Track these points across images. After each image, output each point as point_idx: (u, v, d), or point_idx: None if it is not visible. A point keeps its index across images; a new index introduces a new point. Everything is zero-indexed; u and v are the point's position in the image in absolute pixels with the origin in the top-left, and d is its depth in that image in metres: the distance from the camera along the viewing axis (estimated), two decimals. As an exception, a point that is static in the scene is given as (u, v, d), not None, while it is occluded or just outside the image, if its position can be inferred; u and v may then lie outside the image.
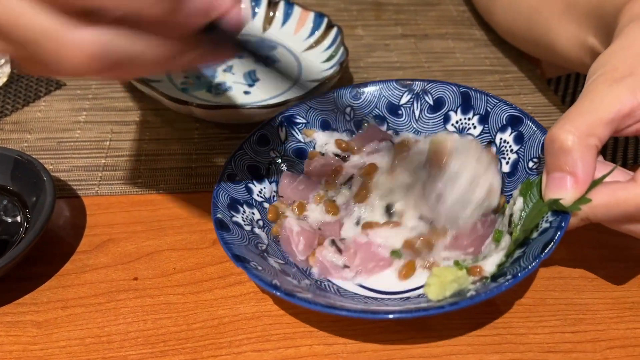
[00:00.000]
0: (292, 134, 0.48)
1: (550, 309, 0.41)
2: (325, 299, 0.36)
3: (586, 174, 0.35)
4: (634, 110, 0.35)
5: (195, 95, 0.57)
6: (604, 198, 0.35)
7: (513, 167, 0.45)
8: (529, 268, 0.35)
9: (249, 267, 0.37)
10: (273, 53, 0.63)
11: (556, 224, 0.36)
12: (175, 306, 0.40)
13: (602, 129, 0.35)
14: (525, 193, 0.40)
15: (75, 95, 0.58)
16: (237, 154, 0.45)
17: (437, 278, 0.36)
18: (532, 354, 0.38)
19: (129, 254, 0.44)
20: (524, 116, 0.45)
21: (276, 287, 0.36)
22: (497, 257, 0.37)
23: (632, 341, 0.39)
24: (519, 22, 0.59)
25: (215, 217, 0.40)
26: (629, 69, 0.36)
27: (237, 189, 0.43)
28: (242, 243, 0.39)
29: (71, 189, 0.49)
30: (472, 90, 0.48)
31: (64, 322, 0.39)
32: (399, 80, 0.50)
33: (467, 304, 0.34)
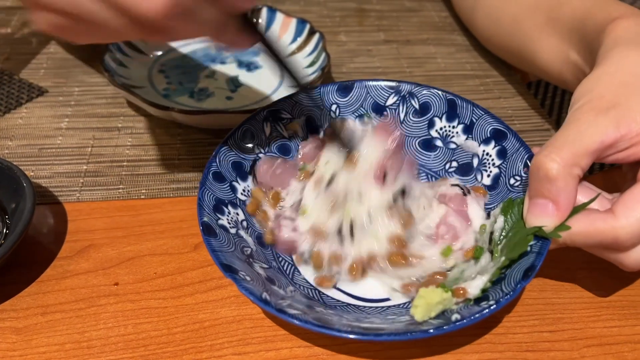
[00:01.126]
0: (277, 129, 0.48)
1: (529, 308, 0.42)
2: (314, 315, 0.36)
3: (568, 202, 0.37)
4: (616, 141, 0.36)
5: (178, 101, 0.57)
6: (582, 227, 0.36)
7: (494, 181, 0.45)
8: (511, 294, 0.35)
9: (239, 279, 0.36)
10: (255, 59, 0.63)
11: (537, 249, 0.37)
12: (156, 311, 0.40)
13: (585, 159, 0.36)
14: (507, 212, 0.40)
15: (57, 102, 0.58)
16: (221, 149, 0.44)
17: (424, 299, 0.37)
18: (510, 353, 0.39)
19: (110, 259, 0.44)
20: (508, 132, 0.45)
21: (266, 302, 0.35)
22: (481, 281, 0.37)
23: (609, 339, 0.40)
24: (500, 31, 0.60)
25: (202, 221, 0.39)
26: (614, 99, 0.37)
27: (221, 188, 0.43)
28: (228, 249, 0.39)
29: (52, 195, 0.49)
30: (459, 99, 0.48)
31: (44, 328, 0.39)
32: (387, 81, 0.50)
33: (452, 329, 0.34)
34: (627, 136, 0.36)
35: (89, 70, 0.63)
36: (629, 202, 0.35)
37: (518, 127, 0.58)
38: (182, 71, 0.61)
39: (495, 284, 0.37)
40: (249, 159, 0.46)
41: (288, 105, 0.48)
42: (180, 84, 0.59)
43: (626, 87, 0.37)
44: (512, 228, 0.39)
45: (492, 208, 0.43)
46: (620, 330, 0.40)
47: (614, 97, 0.37)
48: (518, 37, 0.56)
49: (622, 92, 0.37)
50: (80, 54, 0.65)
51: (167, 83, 0.59)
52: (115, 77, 0.55)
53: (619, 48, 0.40)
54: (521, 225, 0.39)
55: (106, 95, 0.60)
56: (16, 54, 0.64)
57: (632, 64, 0.38)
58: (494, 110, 0.60)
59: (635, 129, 0.36)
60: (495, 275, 0.37)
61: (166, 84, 0.59)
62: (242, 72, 0.61)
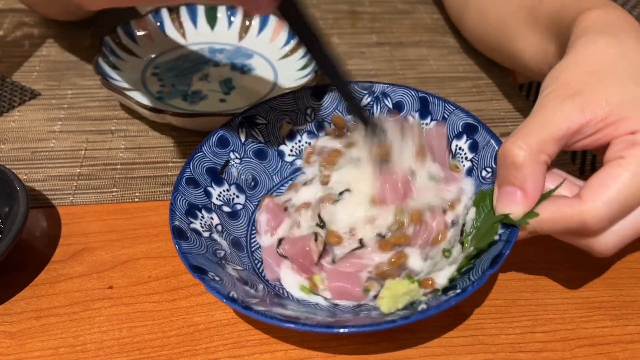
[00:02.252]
0: (252, 134, 0.48)
1: (522, 309, 0.42)
2: (281, 311, 0.36)
3: (535, 189, 0.37)
4: (582, 127, 0.37)
5: (171, 104, 0.57)
6: (550, 213, 0.36)
7: (467, 174, 0.45)
8: (478, 282, 0.35)
9: (206, 279, 0.36)
10: (249, 61, 0.63)
11: (505, 237, 0.37)
12: (151, 314, 0.40)
13: (552, 145, 0.37)
14: (479, 203, 0.41)
15: (50, 105, 0.58)
16: (195, 156, 0.44)
17: (389, 291, 0.37)
18: (503, 354, 0.39)
19: (104, 262, 0.44)
20: (479, 125, 0.46)
21: (233, 299, 0.35)
22: (449, 270, 0.37)
23: (601, 339, 0.40)
24: (488, 32, 0.60)
25: (173, 225, 0.39)
26: (579, 86, 0.37)
27: (195, 193, 0.43)
28: (200, 252, 0.39)
29: (46, 198, 0.49)
30: (430, 96, 0.49)
31: (38, 332, 0.39)
32: (359, 82, 0.50)
33: (418, 318, 0.34)
34: (593, 121, 0.36)
35: (82, 73, 0.63)
36: (595, 186, 0.35)
37: (510, 128, 0.59)
38: (176, 74, 0.61)
39: (464, 274, 0.37)
40: (223, 164, 0.46)
41: (263, 110, 0.48)
42: (174, 87, 0.59)
43: (591, 74, 0.38)
44: (483, 219, 0.40)
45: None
46: (611, 331, 0.41)
47: (580, 84, 0.37)
48: (504, 36, 0.57)
49: (587, 79, 0.38)
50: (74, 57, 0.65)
51: (161, 86, 0.59)
52: (108, 80, 0.55)
53: (586, 37, 0.40)
54: (491, 214, 0.39)
55: (99, 98, 0.59)
56: (8, 57, 0.64)
57: (597, 52, 0.39)
58: (486, 112, 0.61)
59: (600, 114, 0.36)
60: (463, 264, 0.37)
61: (159, 86, 0.59)
62: (236, 75, 0.61)
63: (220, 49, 0.65)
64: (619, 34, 0.40)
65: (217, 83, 0.60)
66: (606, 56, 0.38)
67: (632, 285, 0.44)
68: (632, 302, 0.43)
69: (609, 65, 0.38)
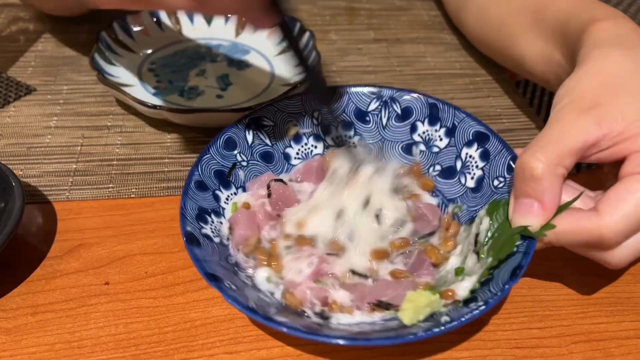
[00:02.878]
0: (259, 136, 0.48)
1: (518, 306, 0.42)
2: (302, 322, 0.36)
3: (553, 201, 0.37)
4: (599, 140, 0.37)
5: (167, 100, 0.57)
6: (567, 226, 0.37)
7: (478, 183, 0.45)
8: (499, 294, 0.35)
9: (224, 288, 0.36)
10: (246, 57, 0.63)
11: (523, 249, 0.37)
12: (147, 310, 0.40)
13: (569, 158, 0.37)
14: (492, 213, 0.41)
15: (46, 101, 0.58)
16: (203, 158, 0.44)
17: (412, 303, 0.37)
18: (499, 350, 0.39)
19: (100, 258, 0.44)
20: (490, 134, 0.45)
21: (253, 310, 0.35)
22: (470, 282, 0.37)
23: (596, 335, 0.40)
24: (487, 31, 0.60)
25: (185, 231, 0.39)
26: (595, 99, 0.38)
27: (204, 197, 0.42)
28: (212, 258, 0.38)
29: (41, 194, 0.48)
30: (440, 102, 0.48)
31: (34, 328, 0.39)
32: (368, 86, 0.50)
33: (442, 332, 0.34)
34: (609, 135, 0.37)
35: (77, 69, 0.62)
36: (613, 201, 0.36)
37: (507, 125, 0.59)
38: (172, 69, 0.61)
39: (483, 284, 0.37)
40: (231, 167, 0.45)
41: (270, 112, 0.48)
42: (170, 83, 0.59)
43: (607, 88, 0.38)
44: (498, 229, 0.40)
45: (477, 210, 0.44)
46: (607, 327, 0.41)
47: (596, 97, 0.38)
48: (504, 38, 0.57)
49: (603, 92, 0.38)
50: (70, 53, 0.65)
51: (157, 81, 0.59)
52: (104, 75, 0.55)
53: (599, 50, 0.40)
54: (507, 225, 0.39)
55: (95, 93, 0.59)
56: (3, 52, 0.64)
57: (611, 65, 0.39)
58: (483, 109, 0.61)
59: (616, 128, 0.37)
60: (484, 275, 0.37)
61: (156, 82, 0.59)
62: (233, 71, 0.61)
63: (217, 44, 0.65)
64: (631, 47, 0.40)
65: (214, 79, 0.60)
66: (621, 70, 0.39)
67: (628, 281, 0.44)
68: (628, 299, 0.43)
69: (624, 79, 0.38)
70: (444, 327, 0.34)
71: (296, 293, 0.39)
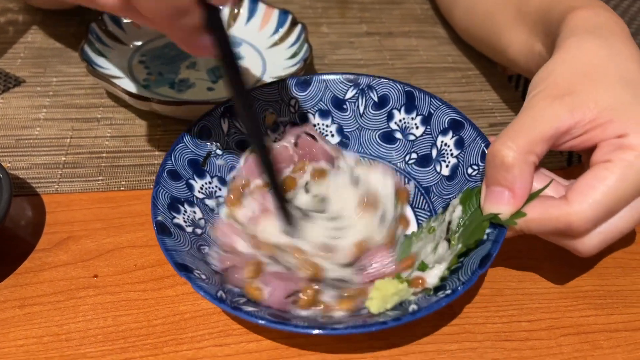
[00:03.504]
0: (235, 125, 0.47)
1: (508, 298, 0.42)
2: (271, 311, 0.36)
3: (524, 190, 0.37)
4: (571, 128, 0.37)
5: (158, 92, 0.56)
6: (537, 214, 0.37)
7: (452, 171, 0.45)
8: (468, 283, 0.35)
9: (193, 278, 0.35)
10: (237, 50, 0.63)
11: (493, 237, 0.37)
12: (136, 303, 0.40)
13: (540, 146, 0.37)
14: (465, 202, 0.41)
15: (35, 93, 0.57)
16: (177, 147, 0.43)
17: (379, 292, 0.37)
18: (489, 342, 0.39)
19: (89, 251, 0.43)
20: (465, 121, 0.45)
21: (221, 299, 0.34)
22: (440, 269, 0.37)
23: (585, 328, 0.40)
24: (475, 25, 0.60)
25: (156, 220, 0.38)
26: (568, 87, 0.37)
27: (177, 186, 0.42)
28: (184, 248, 0.38)
29: (30, 186, 0.48)
30: (417, 90, 0.48)
31: (22, 320, 0.39)
32: (344, 74, 0.50)
33: (408, 319, 0.34)
34: (581, 123, 0.37)
35: (67, 60, 0.62)
36: (582, 188, 0.36)
37: (499, 119, 0.59)
38: (163, 62, 0.60)
39: (453, 272, 0.37)
40: (206, 156, 0.45)
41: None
42: (161, 75, 0.59)
43: (580, 76, 0.38)
44: (470, 217, 0.40)
45: (451, 198, 0.44)
46: (596, 320, 0.41)
47: (569, 85, 0.38)
48: (491, 30, 0.57)
49: (576, 80, 0.38)
50: (59, 44, 0.64)
51: (147, 73, 0.59)
52: (94, 67, 0.54)
53: (575, 37, 0.40)
54: (479, 213, 0.39)
55: (85, 85, 0.59)
56: (-8, 43, 0.63)
57: (586, 53, 0.39)
58: (475, 102, 0.61)
59: (588, 116, 0.37)
60: (453, 262, 0.37)
61: (146, 74, 0.58)
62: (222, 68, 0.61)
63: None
64: (607, 36, 0.40)
65: (205, 71, 0.60)
66: (595, 58, 0.39)
67: (617, 274, 0.44)
68: (617, 292, 0.43)
69: (597, 68, 0.38)
70: (412, 315, 0.34)
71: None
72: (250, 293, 0.38)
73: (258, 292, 0.38)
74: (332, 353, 0.38)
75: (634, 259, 0.46)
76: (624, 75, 0.38)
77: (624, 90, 0.37)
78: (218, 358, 0.37)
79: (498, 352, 0.39)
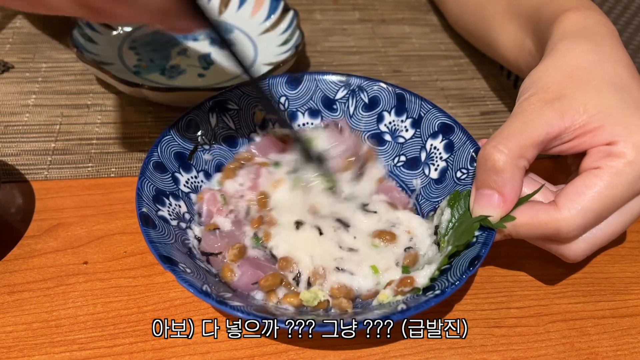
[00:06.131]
0: (223, 120, 0.47)
1: (497, 286, 0.42)
2: (255, 306, 0.36)
3: (513, 193, 0.37)
4: (561, 133, 0.37)
5: (148, 78, 0.56)
6: (526, 218, 0.37)
7: (441, 174, 0.45)
8: (456, 284, 0.35)
9: (178, 271, 0.35)
10: (228, 36, 0.62)
11: (482, 240, 0.37)
12: (126, 289, 0.40)
13: (531, 150, 0.37)
14: (453, 204, 0.41)
15: (24, 78, 0.57)
16: (163, 139, 0.43)
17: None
18: (478, 329, 0.39)
19: (79, 238, 0.43)
20: (455, 125, 0.45)
21: (207, 293, 0.34)
22: (430, 270, 0.38)
23: (573, 315, 0.41)
24: (466, 15, 0.60)
25: (140, 212, 0.38)
26: (559, 91, 0.38)
27: (162, 178, 0.42)
28: (168, 241, 0.38)
29: (19, 173, 0.48)
30: (408, 93, 0.48)
31: (11, 307, 0.39)
32: (336, 74, 0.49)
33: (397, 318, 0.34)
34: (571, 128, 0.37)
35: (57, 46, 0.61)
36: (571, 195, 0.36)
37: (490, 107, 0.59)
38: (154, 48, 0.60)
39: (442, 273, 0.37)
40: (192, 149, 0.44)
41: (235, 95, 0.47)
42: (152, 61, 0.58)
43: (571, 80, 0.38)
44: (459, 219, 0.40)
45: (439, 202, 0.44)
46: (584, 307, 0.41)
47: (559, 89, 0.38)
48: (482, 23, 0.57)
49: (567, 84, 0.38)
50: (49, 30, 0.63)
51: (138, 60, 0.58)
52: (84, 53, 0.54)
53: (566, 41, 0.40)
54: (468, 216, 0.39)
55: (75, 71, 0.58)
56: (-20, 28, 0.62)
57: (577, 57, 0.39)
58: (467, 90, 0.61)
59: (578, 121, 0.37)
60: (443, 263, 0.37)
61: (137, 60, 0.58)
62: (215, 50, 0.60)
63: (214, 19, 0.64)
64: (597, 40, 0.40)
65: (196, 58, 0.59)
66: (585, 62, 0.39)
67: (605, 262, 0.45)
68: (605, 279, 0.43)
69: (587, 72, 0.38)
70: (401, 314, 0.34)
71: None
72: (224, 274, 0.38)
73: (231, 274, 0.38)
74: (319, 349, 0.38)
75: (623, 247, 0.46)
76: (613, 79, 0.38)
77: (613, 95, 0.37)
78: (208, 344, 0.38)
79: (487, 338, 0.39)
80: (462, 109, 0.58)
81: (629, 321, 0.41)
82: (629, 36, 0.72)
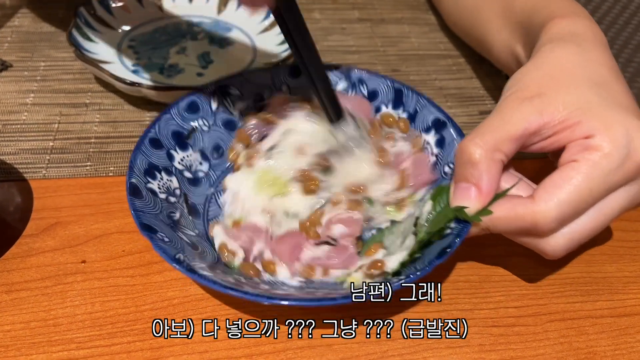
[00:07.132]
0: (224, 104, 0.47)
1: (496, 285, 0.42)
2: (227, 278, 0.36)
3: (489, 186, 0.37)
4: (540, 129, 0.37)
5: (147, 77, 0.56)
6: (503, 212, 0.37)
7: (431, 169, 0.45)
8: (422, 271, 0.35)
9: (155, 238, 0.36)
10: (228, 35, 0.62)
11: (456, 232, 0.37)
12: (124, 288, 0.40)
13: (508, 145, 0.37)
14: (435, 197, 0.40)
15: (23, 77, 0.57)
16: (162, 117, 0.44)
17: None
18: (476, 328, 0.39)
19: (77, 237, 0.43)
20: (448, 121, 0.45)
21: (178, 261, 0.35)
22: (401, 255, 0.38)
23: (571, 314, 0.41)
24: (463, 17, 0.60)
25: (130, 182, 0.39)
26: (538, 89, 0.38)
27: (157, 154, 0.43)
28: (153, 212, 0.39)
29: (17, 172, 0.48)
30: (405, 88, 0.48)
31: (8, 306, 0.39)
32: (337, 67, 0.49)
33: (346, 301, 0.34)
34: (550, 124, 0.37)
35: (55, 45, 0.61)
36: (548, 188, 0.36)
37: (489, 107, 0.59)
38: (152, 47, 0.60)
39: (413, 261, 0.37)
40: (190, 129, 0.45)
41: (237, 82, 0.48)
42: (150, 60, 0.58)
43: (551, 79, 0.38)
44: (438, 212, 0.40)
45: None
46: (582, 306, 0.41)
47: (539, 88, 0.38)
48: (478, 25, 0.57)
49: (546, 83, 0.38)
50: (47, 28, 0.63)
51: (137, 59, 0.58)
52: (82, 52, 0.54)
53: (551, 44, 0.41)
54: (448, 210, 0.39)
55: (73, 70, 0.58)
56: (-21, 27, 0.62)
57: (559, 58, 0.39)
58: (466, 90, 0.61)
59: (557, 117, 0.37)
60: (415, 250, 0.38)
61: (135, 59, 0.58)
62: (214, 49, 0.60)
63: (199, 22, 0.64)
64: (582, 44, 0.40)
65: (195, 57, 0.59)
66: (567, 63, 0.39)
67: (603, 261, 0.45)
68: (603, 279, 0.43)
69: (567, 71, 0.38)
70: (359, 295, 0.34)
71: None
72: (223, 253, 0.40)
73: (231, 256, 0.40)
74: (318, 348, 0.38)
75: (621, 246, 0.46)
76: (593, 78, 0.38)
77: (592, 91, 0.37)
78: (206, 343, 0.38)
79: (485, 337, 0.39)
80: (460, 109, 0.58)
81: (627, 321, 0.41)
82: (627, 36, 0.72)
